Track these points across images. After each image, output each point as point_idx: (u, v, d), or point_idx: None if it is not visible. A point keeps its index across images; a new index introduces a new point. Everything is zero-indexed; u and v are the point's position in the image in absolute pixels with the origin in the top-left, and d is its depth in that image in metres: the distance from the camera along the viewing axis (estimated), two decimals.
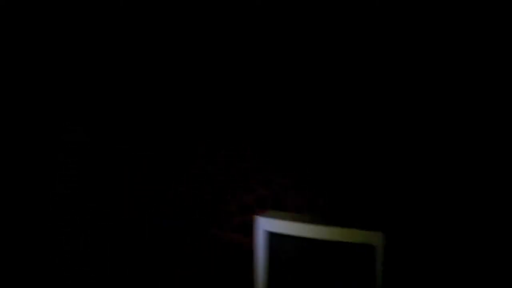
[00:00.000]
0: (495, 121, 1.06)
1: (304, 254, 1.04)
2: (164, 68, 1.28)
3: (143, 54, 1.29)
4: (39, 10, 1.29)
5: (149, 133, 1.30)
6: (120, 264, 1.28)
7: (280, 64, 1.16)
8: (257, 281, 1.08)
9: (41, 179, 1.30)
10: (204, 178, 1.25)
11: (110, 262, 1.29)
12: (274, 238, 1.06)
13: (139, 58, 1.30)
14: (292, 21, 1.15)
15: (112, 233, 1.29)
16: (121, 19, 1.29)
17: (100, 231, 1.29)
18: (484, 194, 1.07)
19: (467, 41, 1.05)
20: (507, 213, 1.05)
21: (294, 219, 1.06)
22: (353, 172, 1.13)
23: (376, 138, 1.12)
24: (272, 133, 1.18)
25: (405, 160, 1.11)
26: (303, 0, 1.14)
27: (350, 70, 1.12)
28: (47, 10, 1.29)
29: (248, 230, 1.19)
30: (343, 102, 1.13)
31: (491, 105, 1.05)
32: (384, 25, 1.08)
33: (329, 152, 1.14)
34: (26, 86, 1.31)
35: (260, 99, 1.19)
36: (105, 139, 1.32)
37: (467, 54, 1.05)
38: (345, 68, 1.12)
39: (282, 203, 1.17)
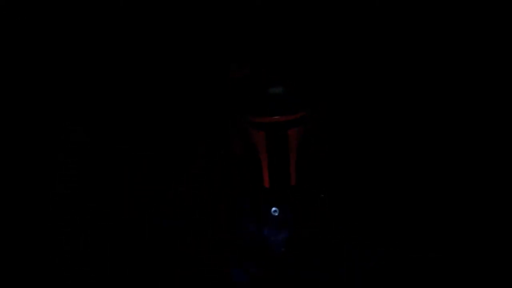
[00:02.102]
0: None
1: None
2: (164, 68, 1.28)
3: (142, 54, 1.29)
4: (39, 10, 1.29)
5: (149, 133, 1.30)
6: (120, 264, 1.28)
7: (279, 64, 1.16)
8: None
9: (41, 179, 1.29)
10: (204, 178, 1.25)
11: (110, 262, 1.29)
12: None
13: (139, 58, 1.30)
14: (290, 21, 1.15)
15: (112, 233, 1.29)
16: (121, 19, 1.29)
17: (100, 231, 1.29)
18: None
19: (467, 41, 1.05)
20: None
21: None
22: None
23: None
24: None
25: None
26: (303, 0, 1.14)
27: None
28: (47, 10, 1.29)
29: None
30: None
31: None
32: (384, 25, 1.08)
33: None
34: (26, 86, 1.31)
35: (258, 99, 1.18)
36: (105, 139, 1.32)
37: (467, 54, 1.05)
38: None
39: None
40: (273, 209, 1.05)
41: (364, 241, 1.04)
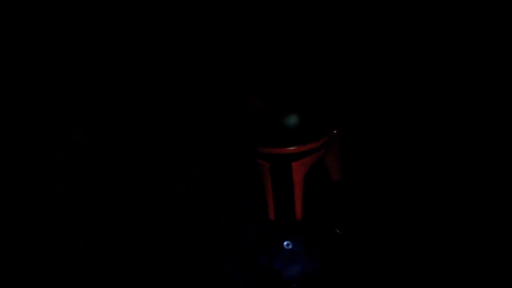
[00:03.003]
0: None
1: None
2: (164, 67, 1.28)
3: (142, 54, 1.29)
4: (39, 10, 1.29)
5: (149, 133, 1.30)
6: (120, 264, 1.28)
7: (278, 64, 1.16)
8: None
9: (41, 179, 1.29)
10: (204, 178, 1.25)
11: (110, 262, 1.29)
12: None
13: (139, 58, 1.30)
14: (290, 22, 1.15)
15: (112, 233, 1.29)
16: (121, 19, 1.29)
17: (100, 231, 1.29)
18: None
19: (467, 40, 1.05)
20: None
21: None
22: None
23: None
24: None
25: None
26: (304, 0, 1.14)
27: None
28: (47, 10, 1.29)
29: None
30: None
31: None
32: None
33: None
34: (26, 85, 1.31)
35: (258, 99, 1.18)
36: (105, 139, 1.32)
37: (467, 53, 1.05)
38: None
39: None
40: (286, 242, 1.03)
41: (364, 241, 1.04)
